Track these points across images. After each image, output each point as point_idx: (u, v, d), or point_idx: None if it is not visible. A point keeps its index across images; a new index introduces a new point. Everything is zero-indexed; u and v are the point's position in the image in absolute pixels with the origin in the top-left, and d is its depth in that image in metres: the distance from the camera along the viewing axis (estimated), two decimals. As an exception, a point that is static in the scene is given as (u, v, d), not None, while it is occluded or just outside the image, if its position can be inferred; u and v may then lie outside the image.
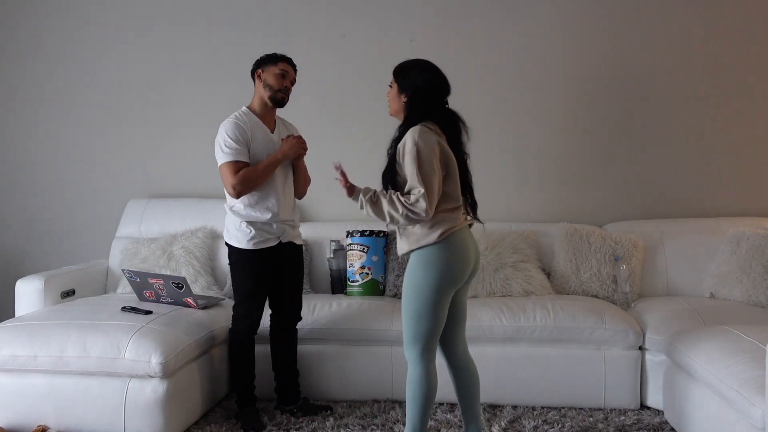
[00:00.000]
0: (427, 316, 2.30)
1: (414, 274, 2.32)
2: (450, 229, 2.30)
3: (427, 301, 2.29)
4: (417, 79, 2.42)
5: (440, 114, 2.42)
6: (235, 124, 2.81)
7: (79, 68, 4.13)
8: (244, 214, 2.84)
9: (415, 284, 2.31)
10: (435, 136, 2.33)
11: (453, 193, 2.35)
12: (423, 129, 2.32)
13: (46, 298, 3.30)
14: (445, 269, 2.29)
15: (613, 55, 3.86)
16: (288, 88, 2.91)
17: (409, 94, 2.41)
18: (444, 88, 2.45)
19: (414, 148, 2.27)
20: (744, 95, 3.82)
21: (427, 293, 2.29)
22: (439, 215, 2.31)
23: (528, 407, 3.05)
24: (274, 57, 2.90)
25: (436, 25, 3.92)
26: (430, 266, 2.29)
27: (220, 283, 3.61)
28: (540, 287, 3.40)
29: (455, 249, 2.31)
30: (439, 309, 2.31)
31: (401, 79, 2.45)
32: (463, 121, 2.46)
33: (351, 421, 2.90)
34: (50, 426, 2.70)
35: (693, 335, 2.70)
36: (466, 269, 2.36)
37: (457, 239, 2.32)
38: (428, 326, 2.31)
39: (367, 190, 2.37)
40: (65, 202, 4.18)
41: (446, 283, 2.30)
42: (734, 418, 2.25)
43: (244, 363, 2.93)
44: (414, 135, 2.29)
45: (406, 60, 2.50)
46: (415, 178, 2.25)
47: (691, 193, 3.86)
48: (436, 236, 2.28)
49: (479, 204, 2.40)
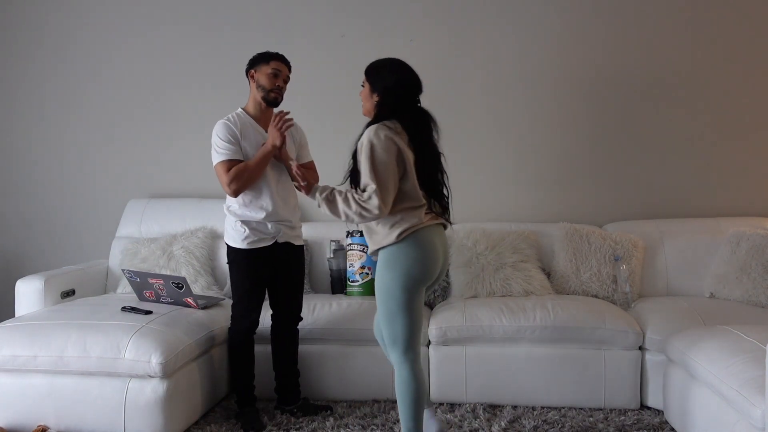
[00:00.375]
0: (400, 316, 2.31)
1: (381, 275, 2.35)
2: (410, 229, 2.31)
3: (398, 302, 2.30)
4: (388, 79, 2.42)
5: (411, 113, 2.41)
6: (225, 125, 2.82)
7: (80, 69, 4.13)
8: (239, 213, 2.85)
9: (383, 285, 2.33)
10: (392, 134, 2.33)
11: (411, 192, 2.35)
12: (380, 127, 2.33)
13: (46, 298, 3.30)
14: (409, 268, 2.30)
15: (614, 56, 3.86)
16: (281, 87, 2.89)
17: (380, 94, 2.42)
18: (415, 87, 2.45)
19: (368, 146, 2.29)
20: (744, 95, 3.82)
21: (395, 293, 2.30)
22: (398, 215, 2.32)
23: (528, 407, 3.05)
24: (266, 56, 2.88)
25: (436, 25, 3.92)
26: (394, 266, 2.31)
27: (220, 283, 3.61)
28: (540, 287, 3.40)
29: (417, 248, 2.31)
30: (411, 308, 2.32)
31: (373, 78, 2.45)
32: (434, 119, 2.46)
33: (351, 421, 2.90)
34: (50, 426, 2.70)
35: (693, 335, 2.70)
36: (433, 267, 2.36)
37: (420, 238, 2.32)
38: (404, 326, 2.31)
39: (324, 188, 2.40)
40: (65, 202, 4.18)
41: (412, 281, 2.30)
42: (734, 418, 2.25)
43: (243, 363, 2.93)
44: (370, 133, 2.31)
45: (377, 59, 2.51)
46: (368, 176, 2.27)
47: (691, 193, 3.86)
48: (395, 236, 2.30)
49: (478, 204, 2.40)
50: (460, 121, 3.93)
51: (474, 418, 2.92)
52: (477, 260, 3.45)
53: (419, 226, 2.33)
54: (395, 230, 2.30)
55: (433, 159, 2.45)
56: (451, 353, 3.10)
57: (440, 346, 3.11)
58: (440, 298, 3.48)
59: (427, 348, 3.14)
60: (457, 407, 3.05)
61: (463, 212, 3.91)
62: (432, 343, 3.13)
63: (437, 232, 2.41)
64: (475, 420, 2.90)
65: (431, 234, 2.37)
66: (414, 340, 2.34)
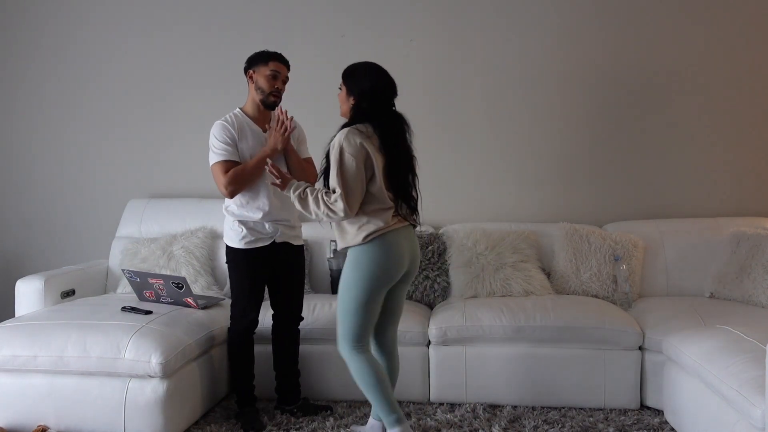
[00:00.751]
0: (356, 314, 2.42)
1: (345, 273, 2.45)
2: (377, 232, 2.39)
3: (357, 300, 2.41)
4: (363, 83, 2.48)
5: (384, 117, 2.47)
6: (222, 126, 2.81)
7: (80, 69, 4.13)
8: (237, 213, 2.85)
9: (346, 282, 2.44)
10: (362, 138, 2.40)
11: (379, 195, 2.42)
12: (351, 131, 2.40)
13: (46, 298, 3.31)
14: (373, 270, 2.39)
15: (614, 56, 3.86)
16: (280, 90, 2.87)
17: (356, 97, 2.48)
18: (390, 91, 2.51)
19: (338, 150, 2.37)
20: (744, 95, 3.82)
21: (355, 292, 2.41)
22: (365, 217, 2.40)
23: (528, 407, 3.05)
24: (264, 56, 2.85)
25: (436, 25, 3.92)
26: (358, 266, 2.41)
27: (220, 283, 3.61)
28: (540, 287, 3.40)
29: (383, 251, 2.40)
30: (368, 308, 2.43)
31: (349, 82, 2.51)
32: (408, 123, 2.53)
33: (351, 421, 2.90)
34: (50, 426, 2.70)
35: (693, 335, 2.69)
36: (397, 270, 2.45)
37: (386, 241, 2.41)
38: (358, 324, 2.43)
39: (299, 185, 2.48)
40: (65, 202, 4.18)
41: (374, 283, 2.41)
42: (734, 418, 2.25)
43: (242, 363, 2.93)
44: (340, 137, 2.39)
45: (354, 63, 2.56)
46: (335, 180, 2.37)
47: (691, 193, 3.86)
48: (361, 238, 2.39)
49: (478, 204, 2.41)
50: (460, 121, 3.94)
51: (474, 418, 2.92)
52: (477, 260, 3.45)
53: (386, 230, 2.41)
54: (362, 232, 2.39)
55: (404, 162, 2.51)
56: (451, 353, 3.10)
57: (440, 346, 3.11)
58: (440, 298, 3.48)
59: (427, 348, 3.15)
60: (457, 407, 3.05)
61: (463, 212, 3.93)
62: (432, 343, 3.13)
63: (405, 234, 2.48)
64: (475, 420, 2.90)
65: (398, 236, 2.44)
66: (364, 337, 2.47)
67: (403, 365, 3.12)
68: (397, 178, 2.47)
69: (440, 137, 3.94)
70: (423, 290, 3.46)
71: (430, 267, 3.49)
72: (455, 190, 3.97)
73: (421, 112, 3.95)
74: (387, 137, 2.45)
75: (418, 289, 3.46)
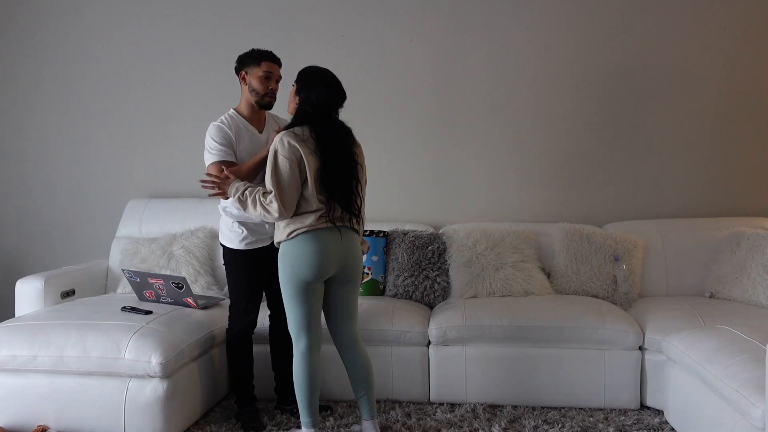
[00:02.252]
0: (291, 306, 2.55)
1: (279, 268, 2.58)
2: (299, 229, 2.49)
3: (288, 293, 2.55)
4: (311, 89, 2.55)
5: (324, 122, 2.55)
6: (219, 128, 2.80)
7: (79, 68, 4.13)
8: (236, 214, 2.84)
9: (280, 276, 2.57)
10: (297, 141, 2.49)
11: (309, 198, 2.51)
12: (287, 134, 2.50)
13: (46, 298, 3.31)
14: (292, 265, 2.51)
15: (614, 56, 3.86)
16: (274, 90, 2.85)
17: (301, 100, 2.57)
18: (336, 102, 2.59)
19: (273, 152, 2.49)
20: (744, 95, 3.82)
21: (285, 286, 2.55)
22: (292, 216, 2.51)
23: (528, 407, 3.05)
24: (255, 56, 2.81)
25: (436, 25, 3.92)
26: (283, 260, 2.55)
27: (220, 283, 3.61)
28: (540, 287, 3.40)
29: (302, 247, 2.49)
30: (299, 300, 2.53)
31: (300, 83, 2.59)
32: (349, 131, 2.61)
33: (351, 421, 2.90)
34: (50, 426, 2.70)
35: (693, 335, 2.70)
36: (320, 268, 2.51)
37: (307, 240, 2.50)
38: (295, 315, 2.55)
39: (238, 188, 2.57)
40: (65, 202, 4.18)
41: (297, 278, 2.51)
42: (734, 418, 2.25)
43: (241, 363, 2.93)
44: (277, 140, 2.50)
45: (311, 66, 2.64)
46: (269, 180, 2.47)
47: (691, 193, 3.86)
48: (285, 234, 2.52)
49: (478, 204, 2.41)
50: (460, 121, 3.94)
51: (474, 418, 2.92)
52: (477, 260, 3.45)
53: (310, 228, 2.49)
54: (286, 229, 2.52)
55: (343, 167, 2.57)
56: (451, 353, 3.10)
57: (440, 346, 3.11)
58: (440, 298, 3.48)
59: (427, 348, 3.15)
60: (457, 407, 3.06)
61: (463, 212, 3.93)
62: (432, 343, 3.13)
63: (332, 236, 2.53)
64: (475, 420, 2.90)
65: (323, 236, 2.52)
66: (307, 329, 2.56)
67: (403, 365, 3.13)
68: (333, 182, 2.53)
69: (440, 137, 3.94)
70: (423, 290, 3.46)
71: (430, 267, 3.49)
72: (455, 190, 3.97)
73: (420, 112, 3.96)
74: (322, 141, 2.52)
75: (418, 289, 3.46)
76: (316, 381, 2.58)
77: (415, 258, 3.48)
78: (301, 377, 2.56)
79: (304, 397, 2.57)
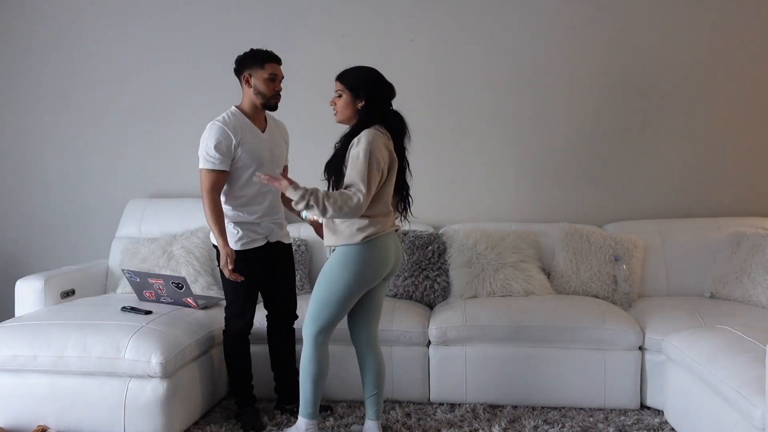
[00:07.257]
0: (332, 307, 2.49)
1: (332, 267, 2.48)
2: (375, 234, 2.45)
3: (337, 295, 2.47)
4: (369, 85, 2.51)
5: (393, 118, 2.53)
6: (221, 130, 2.73)
7: (79, 67, 4.13)
8: (231, 215, 2.83)
9: (331, 275, 2.48)
10: (386, 140, 2.47)
11: (387, 199, 2.49)
12: (377, 132, 2.45)
13: (46, 298, 3.30)
14: (361, 270, 2.45)
15: (614, 56, 3.85)
16: (280, 91, 2.84)
17: (364, 100, 2.50)
18: (390, 91, 2.57)
19: (367, 148, 2.39)
20: (744, 95, 3.81)
21: (338, 288, 2.46)
22: (367, 219, 2.43)
23: (528, 407, 3.05)
24: (258, 57, 2.78)
25: (436, 25, 3.92)
26: (347, 265, 2.45)
27: (220, 284, 3.60)
28: (540, 287, 3.40)
29: (374, 253, 2.46)
30: (345, 304, 2.50)
31: (353, 84, 2.52)
32: (406, 123, 2.57)
33: (351, 420, 2.90)
34: (50, 426, 2.70)
35: (693, 335, 2.70)
36: (381, 273, 2.52)
37: (379, 244, 2.47)
38: (330, 315, 2.51)
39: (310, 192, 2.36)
40: (65, 201, 4.18)
41: (358, 283, 2.47)
42: (734, 418, 2.25)
43: (239, 363, 2.92)
44: (369, 136, 2.42)
45: (349, 68, 2.59)
46: (358, 177, 2.37)
47: (691, 193, 3.86)
48: (360, 239, 2.43)
49: (478, 204, 2.43)
50: (460, 121, 3.94)
51: (474, 418, 2.92)
52: (477, 260, 3.45)
53: (381, 233, 2.47)
54: (361, 233, 2.43)
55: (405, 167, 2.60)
56: (451, 353, 3.10)
57: (440, 346, 3.11)
58: (440, 298, 3.48)
59: (427, 348, 3.15)
60: (457, 407, 3.06)
61: (463, 212, 3.93)
62: (432, 343, 3.13)
63: (392, 238, 2.56)
64: (475, 420, 2.90)
65: (388, 240, 2.51)
66: (331, 328, 2.56)
67: (403, 365, 3.13)
68: (405, 184, 2.56)
69: (440, 137, 3.94)
70: (423, 290, 3.46)
71: (430, 267, 3.49)
72: (455, 190, 3.97)
73: (420, 113, 3.95)
74: (398, 140, 2.52)
75: (418, 289, 3.46)
76: (325, 377, 2.59)
77: (415, 258, 3.48)
78: (316, 375, 2.54)
79: (312, 392, 2.56)
